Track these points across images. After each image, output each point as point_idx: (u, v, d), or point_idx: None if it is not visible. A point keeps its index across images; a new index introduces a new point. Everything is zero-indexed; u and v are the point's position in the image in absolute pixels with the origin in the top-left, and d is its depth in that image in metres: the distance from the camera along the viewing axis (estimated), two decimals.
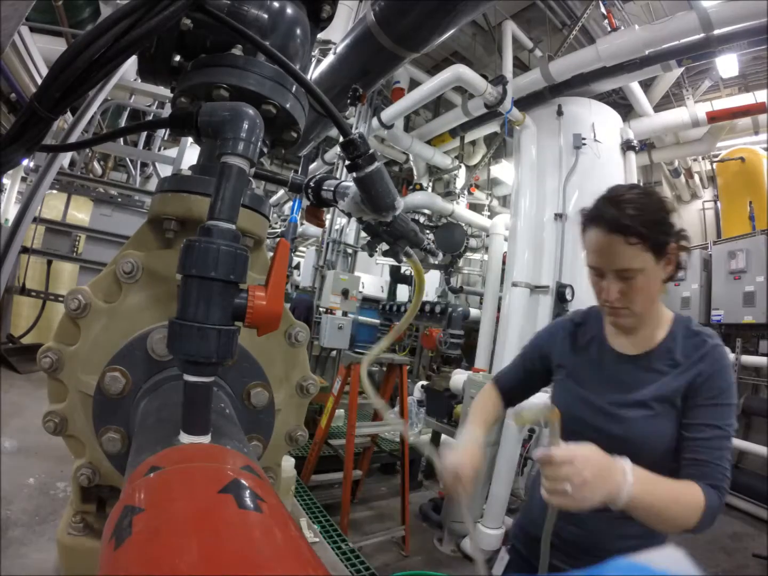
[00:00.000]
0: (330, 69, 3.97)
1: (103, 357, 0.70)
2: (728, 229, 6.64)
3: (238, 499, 0.36)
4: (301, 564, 0.31)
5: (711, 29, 3.64)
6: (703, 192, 7.71)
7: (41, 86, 0.61)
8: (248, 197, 0.80)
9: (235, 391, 0.75)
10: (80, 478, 0.73)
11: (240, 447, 0.54)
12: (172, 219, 0.77)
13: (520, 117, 4.76)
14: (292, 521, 0.38)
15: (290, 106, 0.83)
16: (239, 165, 0.57)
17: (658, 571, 0.28)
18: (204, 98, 0.76)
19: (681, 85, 5.76)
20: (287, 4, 0.85)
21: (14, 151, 0.67)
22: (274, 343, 0.81)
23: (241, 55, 0.79)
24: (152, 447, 0.49)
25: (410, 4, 3.09)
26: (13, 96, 2.71)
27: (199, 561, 0.28)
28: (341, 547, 2.23)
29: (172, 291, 0.70)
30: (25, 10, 0.97)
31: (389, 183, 0.64)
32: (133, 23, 0.59)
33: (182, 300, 0.52)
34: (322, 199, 0.88)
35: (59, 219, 3.62)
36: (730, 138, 6.42)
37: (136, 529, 0.32)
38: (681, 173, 7.24)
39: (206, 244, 0.52)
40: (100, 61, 0.59)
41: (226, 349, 0.52)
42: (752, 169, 6.26)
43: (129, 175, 6.35)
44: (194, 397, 0.52)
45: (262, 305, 0.55)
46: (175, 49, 0.84)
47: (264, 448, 0.81)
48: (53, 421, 0.73)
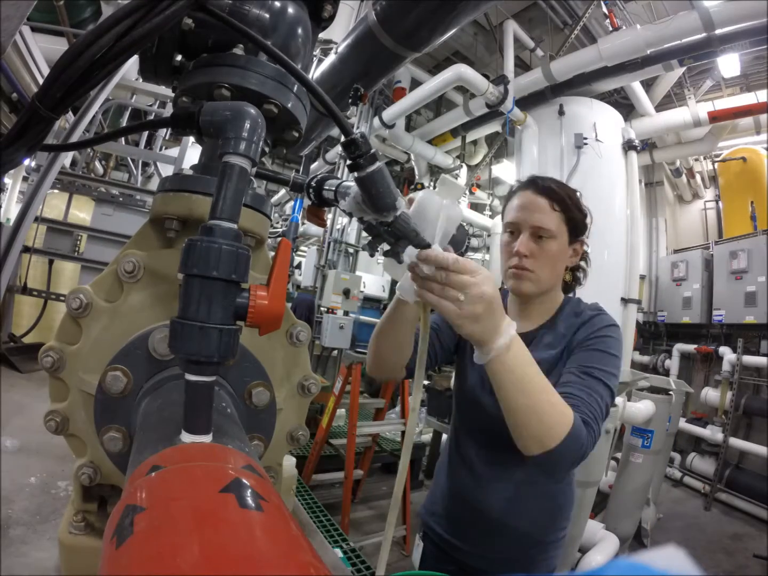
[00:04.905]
0: (331, 68, 3.97)
1: (105, 356, 0.70)
2: (730, 229, 6.64)
3: (239, 499, 0.36)
4: (302, 563, 0.31)
5: (713, 29, 3.64)
6: (704, 192, 7.70)
7: (43, 86, 0.62)
8: (250, 197, 0.80)
9: (237, 391, 0.75)
10: (81, 477, 0.73)
11: (241, 446, 0.54)
12: (173, 218, 0.77)
13: (522, 117, 4.76)
14: (294, 521, 0.38)
15: (292, 106, 0.83)
16: (241, 164, 0.57)
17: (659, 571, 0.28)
18: (205, 98, 0.76)
19: (682, 84, 5.75)
20: (289, 3, 0.85)
21: (16, 150, 0.68)
22: (275, 343, 0.82)
23: (243, 55, 0.79)
24: (154, 446, 0.49)
25: (411, 4, 3.10)
26: (14, 95, 2.72)
27: (200, 560, 0.28)
28: (342, 546, 2.23)
29: (174, 290, 0.70)
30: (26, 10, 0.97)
31: (390, 183, 0.64)
32: (134, 23, 0.59)
33: (184, 299, 0.52)
34: (323, 198, 0.87)
35: (61, 218, 3.62)
36: (732, 138, 6.42)
37: (137, 528, 0.32)
38: (682, 173, 7.23)
39: (208, 243, 0.52)
40: (101, 61, 0.59)
41: (227, 349, 0.52)
42: (754, 169, 6.26)
43: (130, 175, 6.35)
44: (196, 397, 0.52)
45: (263, 305, 0.55)
46: (177, 48, 0.84)
47: (265, 447, 0.81)
48: (54, 420, 0.73)
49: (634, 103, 5.43)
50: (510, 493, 1.07)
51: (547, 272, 1.03)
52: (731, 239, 6.09)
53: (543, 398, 0.73)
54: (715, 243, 6.36)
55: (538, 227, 1.01)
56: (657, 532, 4.05)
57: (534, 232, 1.01)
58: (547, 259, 1.02)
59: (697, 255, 6.35)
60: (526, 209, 1.03)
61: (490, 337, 0.67)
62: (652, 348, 7.09)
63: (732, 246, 5.85)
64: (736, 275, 5.65)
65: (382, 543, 0.77)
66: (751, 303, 5.41)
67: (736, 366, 5.40)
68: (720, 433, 5.40)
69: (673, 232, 7.56)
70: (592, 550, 2.78)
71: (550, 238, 1.01)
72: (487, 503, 1.08)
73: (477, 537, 1.11)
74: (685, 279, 6.40)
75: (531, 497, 1.07)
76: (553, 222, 1.01)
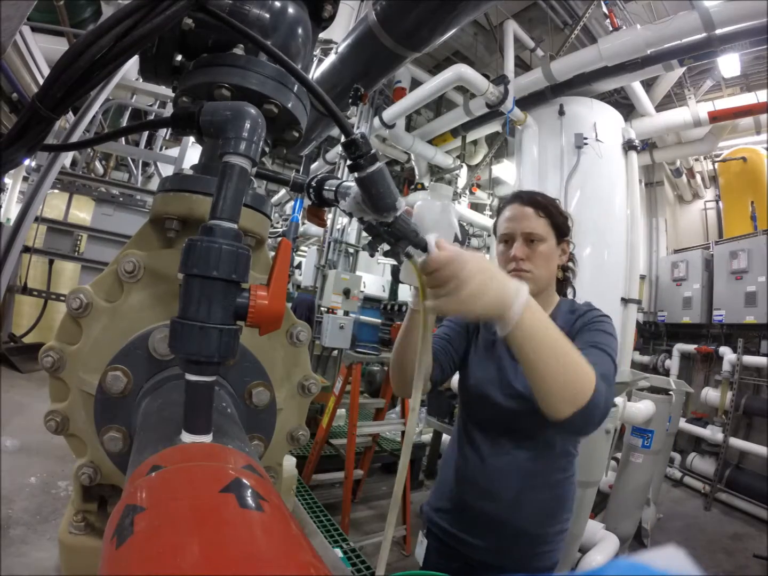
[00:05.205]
0: (331, 68, 3.97)
1: (105, 356, 0.70)
2: (730, 229, 6.64)
3: (239, 498, 0.36)
4: (302, 563, 0.31)
5: (713, 29, 3.64)
6: (704, 192, 7.70)
7: (43, 86, 0.62)
8: (250, 197, 0.80)
9: (237, 391, 0.75)
10: (82, 477, 0.73)
11: (241, 446, 0.54)
12: (173, 218, 0.77)
13: (522, 117, 4.76)
14: (294, 520, 0.38)
15: (292, 106, 0.83)
16: (241, 164, 0.57)
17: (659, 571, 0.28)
18: (206, 98, 0.76)
19: (683, 84, 5.75)
20: (289, 3, 0.85)
21: (16, 150, 0.68)
22: (275, 343, 0.82)
23: (243, 55, 0.79)
24: (154, 446, 0.49)
25: (412, 4, 3.10)
26: (14, 96, 2.72)
27: (200, 560, 0.28)
28: (342, 546, 2.23)
29: (174, 290, 0.70)
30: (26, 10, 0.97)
31: (390, 183, 0.64)
32: (134, 23, 0.59)
33: (184, 299, 0.52)
34: (323, 198, 0.87)
35: (61, 218, 3.62)
36: (732, 138, 6.42)
37: (137, 528, 0.32)
38: (683, 173, 7.22)
39: (208, 243, 0.52)
40: (101, 61, 0.59)
41: (227, 349, 0.52)
42: (754, 168, 6.26)
43: (130, 175, 6.35)
44: (196, 397, 0.52)
45: (263, 304, 0.55)
46: (177, 48, 0.84)
47: (265, 447, 0.81)
48: (55, 420, 0.73)
49: (635, 103, 5.43)
50: (517, 483, 1.12)
51: (543, 271, 1.13)
52: (731, 239, 6.08)
53: (569, 359, 0.75)
54: (716, 243, 6.36)
55: (529, 233, 1.13)
56: (657, 532, 4.04)
57: (526, 237, 1.13)
58: (541, 259, 1.13)
59: (698, 255, 6.34)
60: (516, 219, 1.15)
61: (502, 309, 0.68)
62: (652, 348, 7.09)
63: (732, 246, 5.84)
64: (737, 275, 5.65)
65: (382, 543, 0.78)
66: (752, 303, 5.40)
67: (737, 366, 5.39)
68: (720, 433, 5.39)
69: (674, 232, 7.56)
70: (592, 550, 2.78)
71: (540, 241, 1.13)
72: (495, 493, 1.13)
73: (484, 527, 1.15)
74: (685, 279, 6.39)
75: (537, 487, 1.13)
76: (541, 227, 1.13)
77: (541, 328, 0.72)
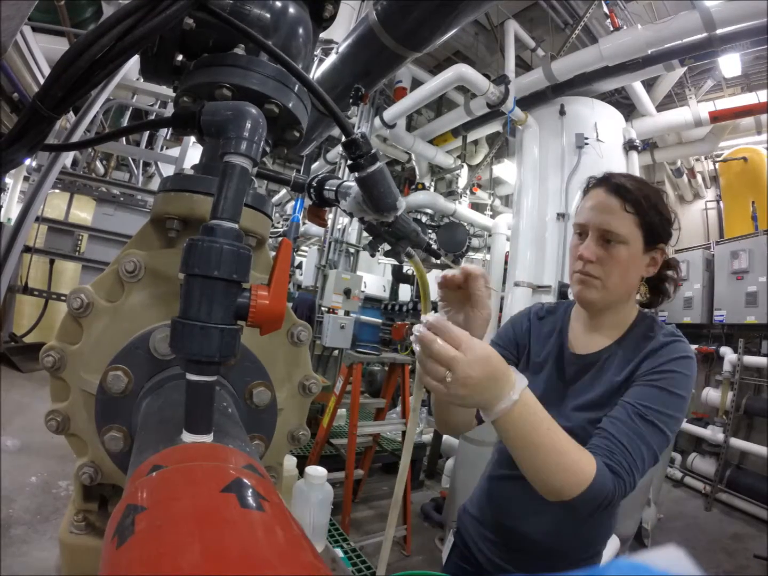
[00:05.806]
0: (332, 68, 3.97)
1: (106, 356, 0.70)
2: (731, 229, 6.64)
3: (240, 498, 0.36)
4: (303, 563, 0.31)
5: (713, 29, 3.64)
6: (705, 192, 7.70)
7: (44, 85, 0.62)
8: (251, 196, 0.80)
9: (238, 390, 0.75)
10: (82, 476, 0.73)
11: (242, 446, 0.54)
12: (174, 218, 0.77)
13: (523, 116, 4.76)
14: (294, 520, 0.38)
15: (293, 106, 0.83)
16: (242, 164, 0.57)
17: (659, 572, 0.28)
18: (206, 97, 0.76)
19: (683, 84, 5.75)
20: (290, 3, 0.85)
21: (17, 150, 0.68)
22: (276, 343, 0.82)
23: (244, 55, 0.78)
24: (154, 446, 0.49)
25: (412, 4, 3.10)
26: (15, 95, 2.72)
27: (201, 560, 0.28)
28: (342, 546, 2.23)
29: (175, 290, 0.70)
30: (27, 10, 0.97)
31: (391, 183, 0.64)
32: (135, 23, 0.59)
33: (185, 299, 0.52)
34: (324, 198, 0.87)
35: (62, 218, 3.63)
36: (733, 138, 6.42)
37: (138, 527, 0.32)
38: (683, 173, 7.23)
39: (209, 243, 0.52)
40: (102, 61, 0.59)
41: (228, 348, 0.52)
42: (755, 168, 6.26)
43: (131, 175, 6.36)
44: (197, 396, 0.52)
45: (264, 304, 0.55)
46: (178, 48, 0.84)
47: (266, 447, 0.81)
48: (55, 420, 0.73)
49: (635, 103, 5.43)
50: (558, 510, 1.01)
51: (616, 281, 0.92)
52: (732, 239, 6.07)
53: (551, 460, 0.69)
54: (716, 243, 6.34)
55: (605, 230, 0.91)
56: (657, 533, 4.04)
57: (601, 235, 0.91)
58: (616, 266, 0.91)
59: (698, 255, 6.33)
60: (595, 210, 0.93)
61: (489, 404, 0.66)
62: None
63: (733, 246, 5.83)
64: (737, 275, 5.64)
65: (382, 543, 0.78)
66: (752, 303, 5.39)
67: (737, 366, 5.39)
68: (721, 434, 5.39)
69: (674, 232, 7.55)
70: None
71: (619, 243, 0.90)
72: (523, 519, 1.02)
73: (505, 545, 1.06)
74: (686, 279, 6.38)
75: (570, 522, 0.99)
76: (624, 225, 0.90)
77: (527, 425, 0.68)
